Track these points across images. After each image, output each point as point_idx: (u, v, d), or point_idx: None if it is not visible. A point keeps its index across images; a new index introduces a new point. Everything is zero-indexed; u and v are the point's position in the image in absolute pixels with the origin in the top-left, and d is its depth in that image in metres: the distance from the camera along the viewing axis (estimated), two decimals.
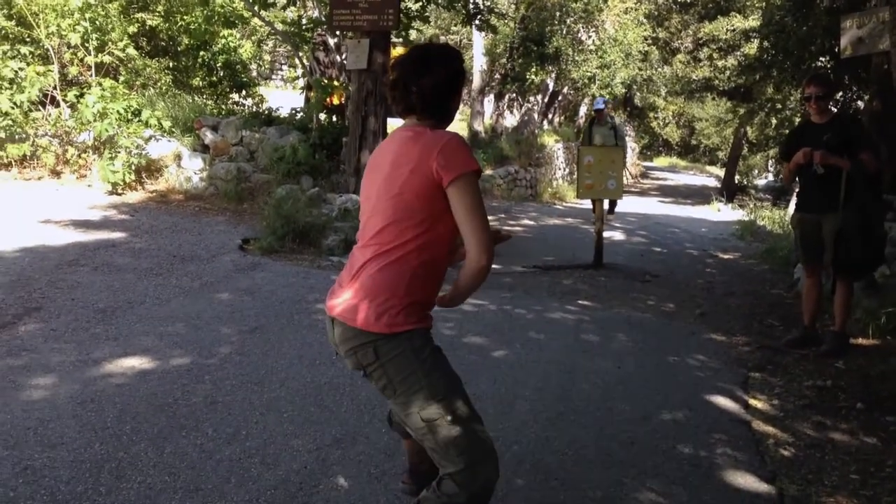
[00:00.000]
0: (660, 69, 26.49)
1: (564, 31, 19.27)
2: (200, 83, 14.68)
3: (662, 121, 42.33)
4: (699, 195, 23.78)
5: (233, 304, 5.96)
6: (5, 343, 4.73)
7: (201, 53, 14.50)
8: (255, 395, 4.23)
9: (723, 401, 4.71)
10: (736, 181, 26.67)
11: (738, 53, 17.95)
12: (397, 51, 12.89)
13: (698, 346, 5.90)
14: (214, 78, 14.93)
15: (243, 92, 15.42)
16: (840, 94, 11.36)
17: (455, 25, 23.93)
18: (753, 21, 18.14)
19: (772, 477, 3.70)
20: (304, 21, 13.22)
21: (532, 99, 21.07)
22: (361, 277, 2.43)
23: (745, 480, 3.65)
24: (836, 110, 8.31)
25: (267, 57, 24.52)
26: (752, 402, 4.74)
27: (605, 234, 10.89)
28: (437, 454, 2.41)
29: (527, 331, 5.95)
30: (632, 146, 31.12)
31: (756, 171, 38.21)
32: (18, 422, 3.70)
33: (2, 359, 4.47)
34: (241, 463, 3.45)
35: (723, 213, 18.84)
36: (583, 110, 28.18)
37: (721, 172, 31.87)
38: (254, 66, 18.90)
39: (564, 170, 20.95)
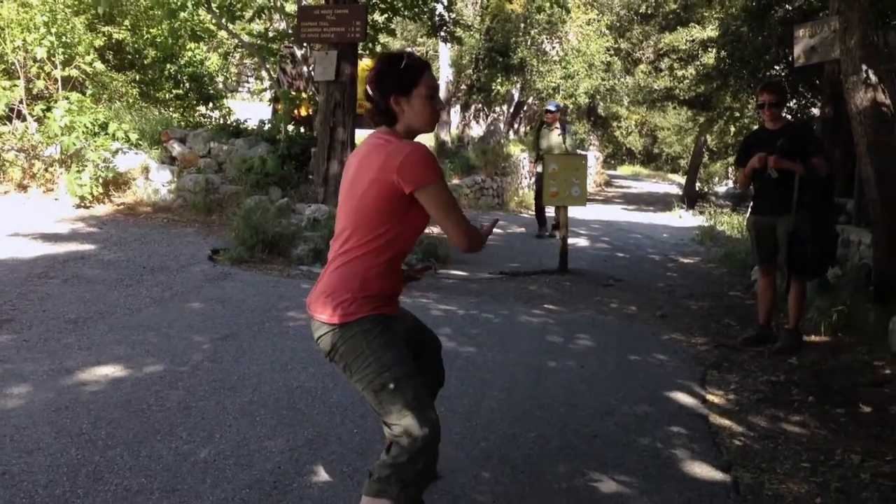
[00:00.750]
0: (622, 79, 26.89)
1: (529, 43, 19.53)
2: (167, 96, 14.72)
3: (625, 130, 42.81)
4: (661, 202, 24.11)
5: (204, 312, 6.05)
6: None
7: (168, 66, 14.57)
8: (228, 400, 4.33)
9: (681, 396, 4.89)
10: (697, 188, 27.10)
11: (697, 63, 18.29)
12: (364, 62, 13.04)
13: (658, 346, 6.09)
14: (181, 90, 14.97)
15: (210, 104, 15.49)
16: (794, 101, 11.67)
17: (421, 37, 24.10)
18: (711, 31, 18.52)
19: (727, 466, 3.87)
20: (270, 33, 13.31)
21: (498, 109, 21.30)
22: (326, 276, 2.66)
23: (702, 470, 3.82)
24: (789, 118, 8.56)
25: (234, 69, 24.55)
26: (709, 396, 4.93)
27: (570, 240, 11.11)
28: (386, 421, 2.59)
29: (494, 334, 6.10)
30: (595, 155, 31.51)
31: (717, 179, 38.83)
32: None
33: None
34: (215, 464, 3.55)
35: (684, 219, 19.14)
36: None
37: (683, 180, 32.33)
38: (220, 78, 18.94)
39: (530, 179, 21.15)
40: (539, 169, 11.96)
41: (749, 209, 6.52)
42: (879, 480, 3.71)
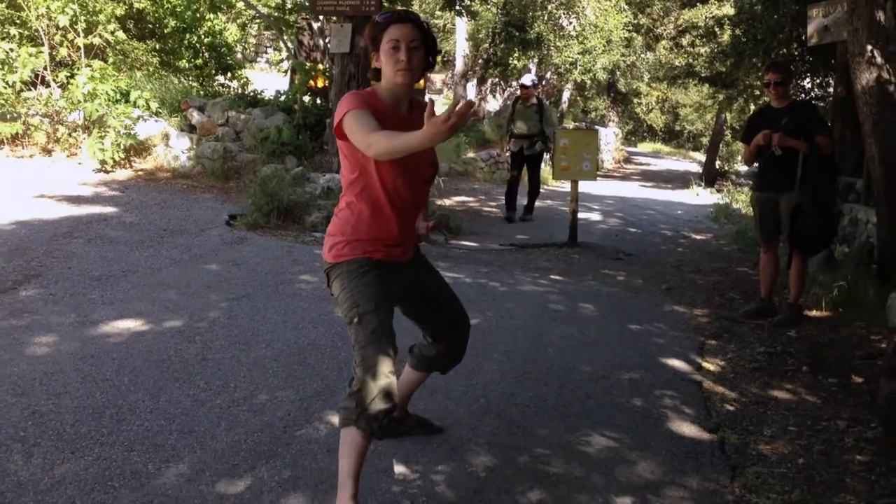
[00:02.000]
0: (643, 55, 26.86)
1: (546, 17, 19.57)
2: (186, 65, 14.90)
3: (646, 106, 42.67)
4: (680, 180, 24.14)
5: (221, 274, 6.28)
6: (7, 306, 5.03)
7: (187, 36, 14.74)
8: (242, 354, 4.55)
9: (677, 363, 5.07)
10: (717, 167, 27.05)
11: (714, 41, 18.28)
12: None
13: (660, 317, 6.27)
14: (200, 60, 15.16)
15: (229, 74, 15.68)
16: (808, 81, 11.74)
17: (439, 10, 24.17)
18: (729, 9, 18.48)
19: (715, 427, 4.06)
20: (287, 5, 13.45)
21: (515, 83, 21.39)
22: (331, 221, 3.01)
23: (690, 430, 4.01)
24: (801, 97, 8.64)
25: (252, 40, 24.70)
26: (705, 364, 5.11)
27: (583, 215, 11.26)
28: (354, 357, 2.83)
29: (499, 301, 6.30)
30: (615, 131, 31.50)
31: (739, 158, 38.63)
32: (24, 374, 4.01)
33: (5, 319, 4.77)
34: (230, 410, 3.78)
35: (701, 196, 19.21)
36: (566, 95, 28.52)
37: (704, 158, 32.28)
38: (239, 48, 19.11)
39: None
40: (512, 148, 11.65)
41: (753, 185, 6.66)
42: (862, 444, 3.89)
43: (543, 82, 24.28)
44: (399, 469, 3.33)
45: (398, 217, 2.92)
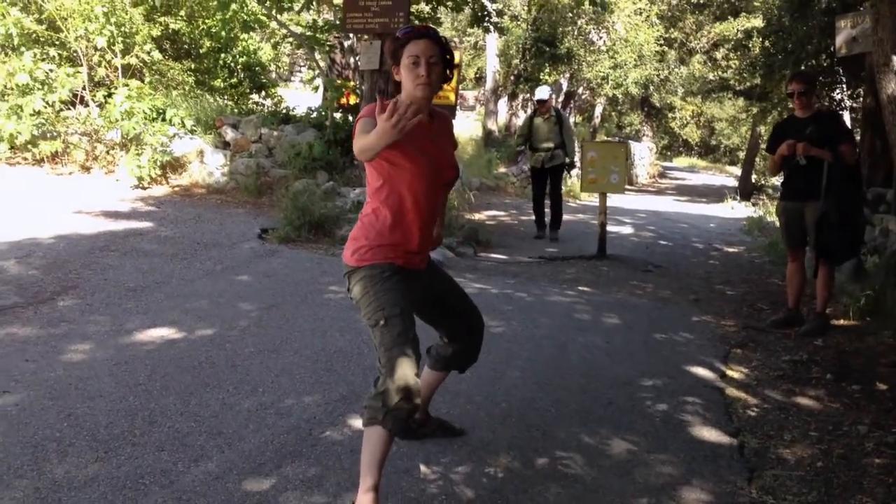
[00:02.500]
0: (677, 69, 26.82)
1: (576, 32, 19.66)
2: (222, 84, 15.19)
3: (681, 121, 42.51)
4: (716, 194, 24.04)
5: (252, 285, 6.42)
6: (46, 315, 5.20)
7: (222, 56, 15.04)
8: (271, 361, 4.67)
9: (701, 371, 5.10)
10: (753, 180, 26.86)
11: (742, 53, 18.25)
12: None
13: (687, 327, 6.29)
14: (235, 79, 15.45)
15: (263, 93, 15.95)
16: (838, 92, 11.70)
17: (470, 27, 24.38)
18: (758, 21, 18.44)
19: (735, 432, 4.09)
20: (319, 24, 13.68)
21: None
22: (354, 227, 3.12)
23: (710, 434, 4.05)
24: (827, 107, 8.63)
25: (286, 59, 25.06)
26: (729, 372, 5.13)
27: (613, 228, 11.30)
28: (378, 359, 2.93)
29: (525, 311, 6.36)
30: (649, 146, 31.44)
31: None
32: (61, 379, 4.15)
33: (44, 328, 4.93)
34: (258, 413, 3.89)
35: (736, 210, 19.11)
36: (598, 110, 28.55)
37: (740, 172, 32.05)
38: (273, 67, 19.41)
39: (577, 169, 21.32)
40: (533, 164, 11.38)
41: (779, 195, 6.68)
42: (882, 449, 3.90)
43: (575, 98, 24.37)
44: (420, 469, 3.41)
45: (420, 223, 3.04)
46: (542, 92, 11.40)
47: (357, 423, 3.79)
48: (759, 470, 3.65)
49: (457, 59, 10.91)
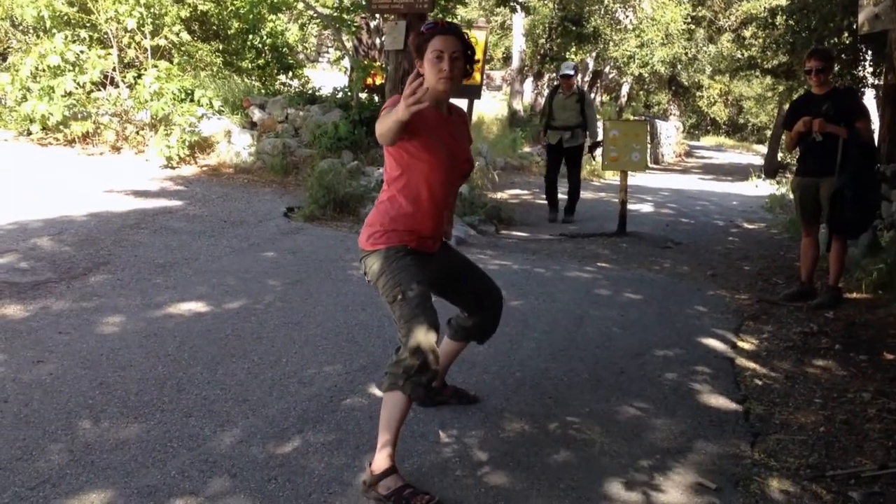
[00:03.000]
0: (705, 48, 26.64)
1: (602, 11, 19.62)
2: (249, 65, 15.38)
3: (709, 99, 42.21)
4: (742, 173, 23.93)
5: (277, 261, 6.62)
6: (78, 290, 5.42)
7: (250, 37, 15.22)
8: (295, 333, 4.85)
9: (713, 342, 5.23)
10: (779, 158, 26.67)
11: (771, 31, 18.11)
12: None
13: (701, 300, 6.40)
14: (262, 60, 15.64)
15: (290, 73, 16.13)
16: (860, 69, 11.66)
17: (497, 6, 24.38)
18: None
19: (742, 399, 4.22)
20: (345, 4, 13.81)
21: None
22: (370, 213, 3.26)
23: (718, 401, 4.18)
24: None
25: (313, 40, 25.22)
26: (740, 343, 5.25)
27: (635, 206, 11.38)
28: (398, 330, 3.10)
29: (543, 286, 6.50)
30: (676, 125, 31.28)
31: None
32: (93, 349, 4.36)
33: (77, 302, 5.15)
34: (281, 382, 4.08)
35: (760, 188, 19.03)
36: (625, 89, 28.45)
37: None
38: (300, 49, 19.58)
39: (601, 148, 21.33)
40: (550, 141, 10.88)
41: (794, 171, 6.76)
42: (884, 415, 4.02)
43: (602, 77, 24.31)
44: (436, 433, 3.58)
45: (433, 211, 3.20)
46: (567, 67, 11.08)
47: (376, 391, 3.97)
48: (762, 434, 3.79)
49: (482, 40, 10.96)
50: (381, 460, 3.01)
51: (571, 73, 10.82)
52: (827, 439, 3.73)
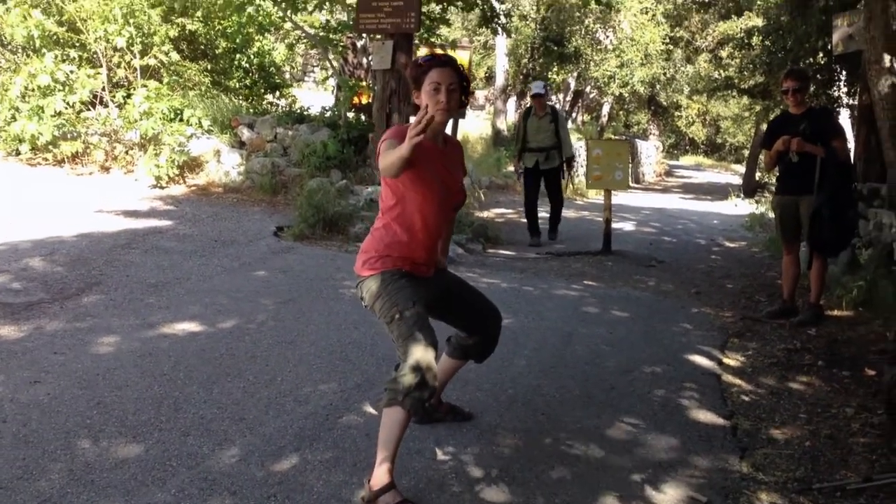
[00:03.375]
0: (683, 68, 26.99)
1: (583, 32, 19.87)
2: (237, 85, 15.47)
3: (687, 119, 42.68)
4: (721, 192, 24.16)
5: (269, 280, 6.68)
6: (72, 310, 5.46)
7: (237, 56, 15.32)
8: (288, 352, 4.91)
9: (699, 359, 5.33)
10: (757, 178, 26.99)
11: (747, 52, 18.43)
12: (420, 53, 13.57)
13: (686, 318, 6.52)
14: (249, 80, 15.73)
15: (277, 93, 16.23)
16: (835, 89, 11.89)
17: (479, 27, 24.62)
18: (759, 20, 18.61)
19: (729, 415, 4.32)
20: (332, 24, 13.94)
21: (554, 98, 21.68)
22: (365, 240, 3.38)
23: (706, 417, 4.28)
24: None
25: (300, 59, 25.34)
26: (726, 360, 5.36)
27: (619, 225, 11.51)
28: (397, 349, 3.18)
29: (531, 304, 6.60)
30: (655, 144, 31.59)
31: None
32: (89, 370, 4.40)
33: (70, 322, 5.19)
34: (277, 400, 4.13)
35: (739, 207, 19.25)
36: (606, 109, 28.72)
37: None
38: (287, 68, 19.68)
39: (586, 167, 21.51)
40: (526, 164, 10.47)
41: (774, 190, 6.91)
42: (867, 429, 4.12)
43: (583, 97, 24.55)
44: (432, 450, 3.65)
45: (427, 241, 3.30)
46: (538, 86, 10.69)
47: (371, 409, 4.04)
48: (750, 449, 3.88)
49: (465, 60, 11.11)
50: (379, 476, 3.07)
51: (542, 91, 10.55)
52: (812, 453, 3.83)
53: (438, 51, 13.75)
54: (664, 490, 3.40)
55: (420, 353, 3.07)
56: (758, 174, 26.30)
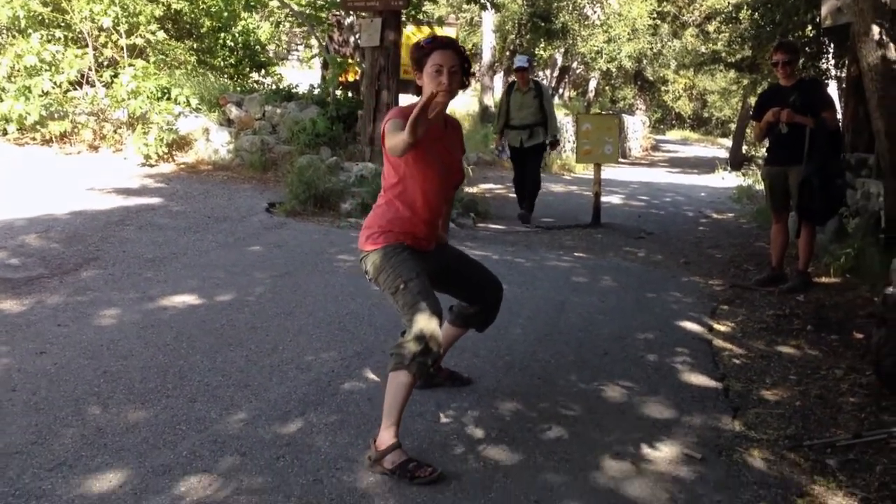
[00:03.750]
0: (670, 43, 27.02)
1: (570, 7, 19.87)
2: (222, 63, 15.42)
3: (674, 94, 42.76)
4: (707, 166, 24.34)
5: (264, 255, 6.74)
6: (71, 284, 5.51)
7: (222, 35, 15.26)
8: (288, 322, 4.99)
9: (690, 325, 5.45)
10: (744, 151, 27.14)
11: (735, 26, 18.50)
12: (408, 30, 13.61)
13: (676, 286, 6.63)
14: (234, 58, 15.68)
15: (262, 71, 16.19)
16: (824, 61, 11.99)
17: (466, 3, 24.54)
18: None
19: (721, 377, 4.44)
20: (318, 2, 13.91)
21: (542, 74, 21.70)
22: (368, 216, 3.45)
23: (698, 380, 4.39)
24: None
25: (284, 37, 25.24)
26: (716, 326, 5.48)
27: (607, 199, 11.60)
28: (402, 314, 3.26)
29: (524, 275, 6.70)
30: (642, 119, 31.69)
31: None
32: (93, 341, 4.47)
33: (71, 296, 5.24)
34: (280, 368, 4.22)
35: (726, 180, 19.41)
36: (592, 84, 28.76)
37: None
38: (271, 47, 19.62)
39: (573, 142, 21.57)
40: (511, 143, 10.16)
41: (764, 161, 7.02)
42: (856, 389, 4.25)
43: (569, 72, 24.57)
44: (433, 413, 3.75)
45: (428, 217, 3.39)
46: (521, 60, 10.22)
47: (372, 375, 4.14)
48: (742, 409, 4.00)
49: (453, 36, 11.11)
50: (385, 436, 3.17)
51: (525, 65, 10.08)
52: (803, 412, 3.95)
53: (426, 28, 13.79)
54: (659, 448, 3.51)
55: (424, 322, 3.15)
56: (744, 147, 26.48)
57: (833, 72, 12.83)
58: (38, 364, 4.08)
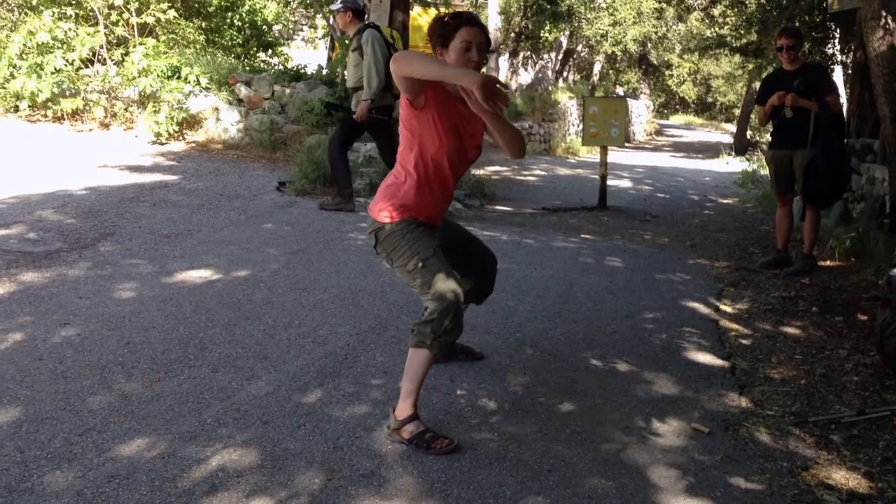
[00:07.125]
0: (675, 26, 26.98)
1: None
2: (230, 43, 15.46)
3: (678, 79, 42.67)
4: (711, 150, 24.37)
5: (276, 232, 6.84)
6: (90, 258, 5.61)
7: (229, 14, 15.30)
8: (303, 298, 5.09)
9: (697, 306, 5.55)
10: (748, 136, 27.17)
11: (742, 10, 18.48)
12: (416, 11, 13.64)
13: (683, 268, 6.73)
14: (242, 38, 15.72)
15: (269, 51, 16.23)
16: (830, 46, 12.03)
17: None
18: None
19: (728, 356, 4.55)
20: None
21: (546, 56, 21.73)
22: (380, 188, 3.44)
23: (705, 358, 4.50)
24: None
25: (291, 17, 25.22)
26: (723, 307, 5.58)
27: (613, 182, 11.68)
28: (421, 293, 3.30)
29: (533, 255, 6.80)
30: (646, 104, 31.69)
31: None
32: (115, 313, 4.57)
33: (91, 270, 5.34)
34: (297, 341, 4.32)
35: (731, 165, 19.46)
36: (597, 68, 28.74)
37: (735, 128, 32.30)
38: (278, 27, 19.63)
39: (578, 126, 21.63)
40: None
41: (768, 144, 7.10)
42: (860, 369, 4.36)
43: (574, 55, 24.55)
44: (448, 386, 3.86)
45: (441, 191, 3.41)
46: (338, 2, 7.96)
47: (386, 349, 4.24)
48: (748, 386, 4.11)
49: None
50: (404, 407, 3.27)
51: (339, 6, 7.88)
52: (808, 390, 4.05)
53: (433, 10, 13.82)
54: (668, 422, 3.62)
55: (449, 298, 3.21)
56: (749, 132, 26.49)
57: (839, 57, 12.86)
58: (62, 335, 4.19)
